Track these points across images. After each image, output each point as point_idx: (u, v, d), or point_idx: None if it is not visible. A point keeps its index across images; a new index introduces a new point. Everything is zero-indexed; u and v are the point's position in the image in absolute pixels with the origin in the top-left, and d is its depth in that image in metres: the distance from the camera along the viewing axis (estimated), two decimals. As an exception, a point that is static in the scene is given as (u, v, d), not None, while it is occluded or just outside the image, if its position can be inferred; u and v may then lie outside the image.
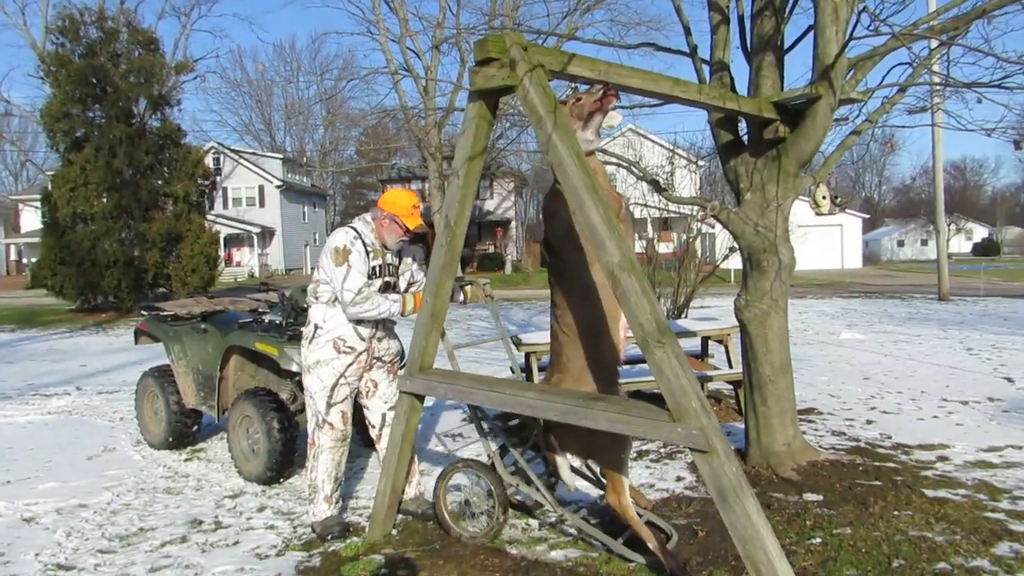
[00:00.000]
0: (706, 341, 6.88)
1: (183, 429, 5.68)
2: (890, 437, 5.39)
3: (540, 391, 3.22)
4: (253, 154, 43.69)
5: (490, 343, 11.82)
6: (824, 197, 4.65)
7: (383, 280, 4.00)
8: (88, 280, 18.24)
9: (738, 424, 5.57)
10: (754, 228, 4.45)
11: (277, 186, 41.25)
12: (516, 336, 6.39)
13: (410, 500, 4.13)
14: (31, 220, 38.25)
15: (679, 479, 4.62)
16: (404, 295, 3.95)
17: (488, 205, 40.46)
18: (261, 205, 41.16)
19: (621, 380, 3.50)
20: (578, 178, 2.81)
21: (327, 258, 3.86)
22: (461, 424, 5.37)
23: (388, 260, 4.05)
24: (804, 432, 5.12)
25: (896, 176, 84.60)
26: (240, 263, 39.69)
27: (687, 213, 10.53)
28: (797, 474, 4.43)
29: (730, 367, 6.26)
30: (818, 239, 33.17)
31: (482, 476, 3.76)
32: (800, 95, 4.03)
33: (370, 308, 3.79)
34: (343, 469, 4.04)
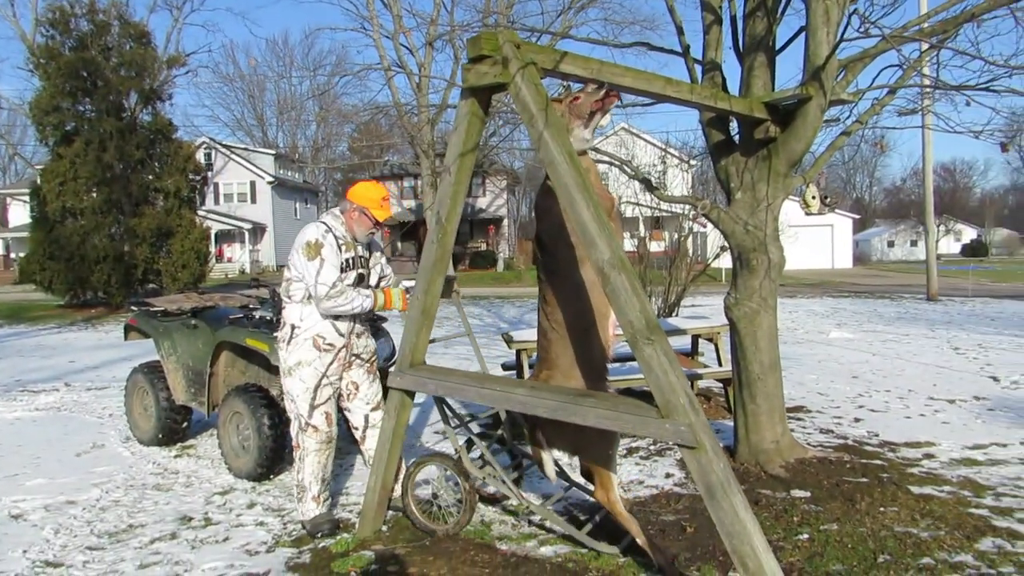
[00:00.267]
0: (696, 339, 6.91)
1: (173, 425, 5.66)
2: (877, 435, 5.44)
3: (530, 387, 3.24)
4: (245, 149, 43.50)
5: (481, 340, 11.84)
6: (814, 197, 4.68)
7: (356, 272, 3.99)
8: (77, 275, 18.14)
9: (727, 421, 5.61)
10: (744, 227, 4.47)
11: (269, 182, 41.10)
12: (507, 333, 6.40)
13: (398, 497, 4.14)
14: (19, 214, 37.99)
15: (668, 476, 4.64)
16: (375, 290, 3.95)
17: (480, 203, 40.44)
18: (253, 201, 41.00)
19: (611, 378, 3.53)
20: (569, 176, 2.83)
21: (298, 254, 3.81)
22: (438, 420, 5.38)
23: (359, 252, 4.04)
24: (793, 430, 5.16)
25: (887, 177, 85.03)
26: (231, 259, 39.55)
27: (679, 212, 10.57)
28: (785, 471, 4.46)
29: (720, 365, 6.29)
30: (809, 239, 33.35)
31: (449, 469, 3.79)
32: (791, 96, 4.06)
33: (344, 303, 3.78)
34: (330, 469, 4.03)
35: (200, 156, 31.52)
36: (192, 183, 20.08)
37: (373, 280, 4.18)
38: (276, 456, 4.74)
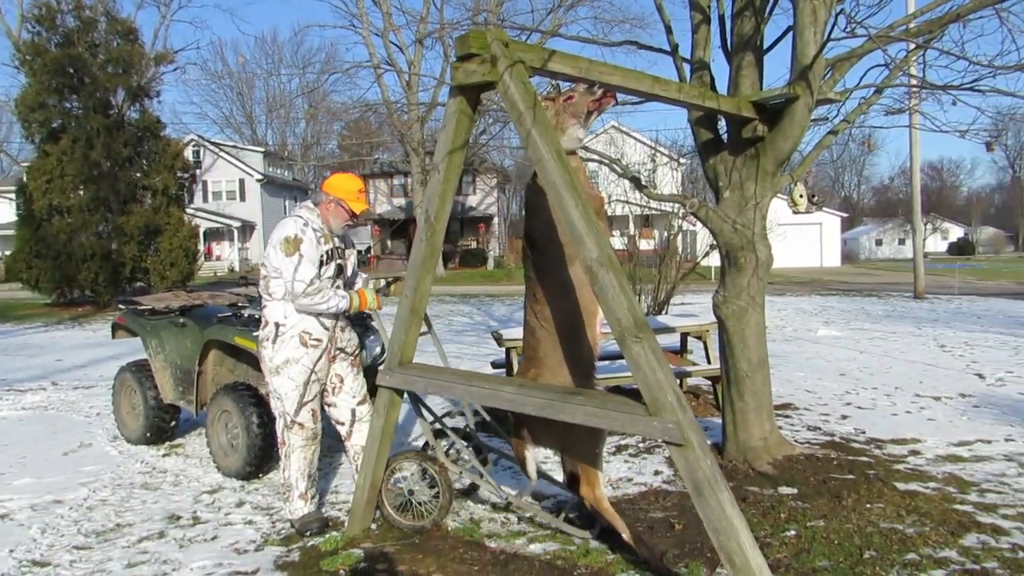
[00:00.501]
0: (685, 337, 6.94)
1: (161, 424, 5.64)
2: (864, 432, 5.48)
3: (519, 385, 3.25)
4: (234, 147, 43.30)
5: (470, 338, 11.84)
6: (801, 196, 4.72)
7: (335, 263, 3.99)
8: (64, 273, 18.01)
9: (716, 419, 5.63)
10: (732, 226, 4.49)
11: (258, 180, 40.94)
12: (497, 332, 6.41)
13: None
14: (5, 212, 37.59)
15: (657, 473, 4.66)
16: (351, 292, 3.94)
17: (471, 201, 40.41)
18: (241, 199, 40.83)
19: (600, 376, 3.55)
20: (557, 174, 2.84)
21: (276, 250, 3.78)
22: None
23: (336, 244, 4.03)
24: (780, 427, 5.19)
25: (875, 176, 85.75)
26: (220, 257, 39.38)
27: (669, 210, 10.60)
28: (773, 468, 4.49)
29: (708, 363, 6.32)
30: (798, 237, 33.51)
31: (424, 465, 3.80)
32: (778, 95, 4.08)
33: (321, 301, 3.76)
34: (315, 465, 4.02)
35: (188, 154, 31.39)
36: (180, 181, 19.99)
37: (349, 271, 4.18)
38: (265, 455, 4.72)
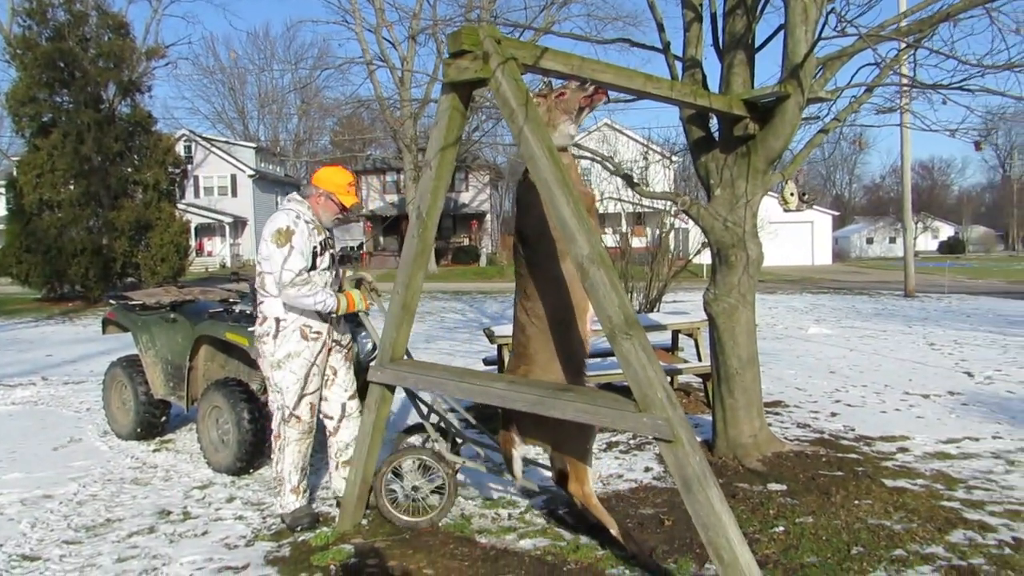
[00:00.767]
0: (676, 334, 6.96)
1: (151, 419, 5.62)
2: (853, 429, 5.52)
3: (509, 381, 3.26)
4: (226, 142, 43.07)
5: (462, 335, 11.83)
6: (792, 194, 4.74)
7: (329, 253, 4.00)
8: (55, 268, 17.91)
9: (707, 416, 5.66)
10: (723, 223, 4.51)
11: (250, 175, 40.75)
12: (489, 329, 6.41)
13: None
14: (-5, 206, 37.34)
15: (647, 470, 4.68)
16: (339, 295, 3.92)
17: (463, 198, 40.37)
18: (233, 194, 40.64)
19: (591, 373, 3.56)
20: (549, 172, 2.84)
21: (267, 242, 3.76)
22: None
23: (328, 235, 4.04)
24: (770, 424, 5.22)
25: (866, 175, 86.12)
26: (212, 253, 39.22)
27: (661, 208, 10.62)
28: (762, 465, 4.52)
29: (700, 360, 6.34)
30: (789, 235, 33.63)
31: (428, 461, 3.83)
32: (770, 93, 4.09)
33: (308, 293, 3.73)
34: (308, 460, 4.03)
35: (180, 149, 31.24)
36: (171, 176, 19.87)
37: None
38: (256, 450, 4.72)
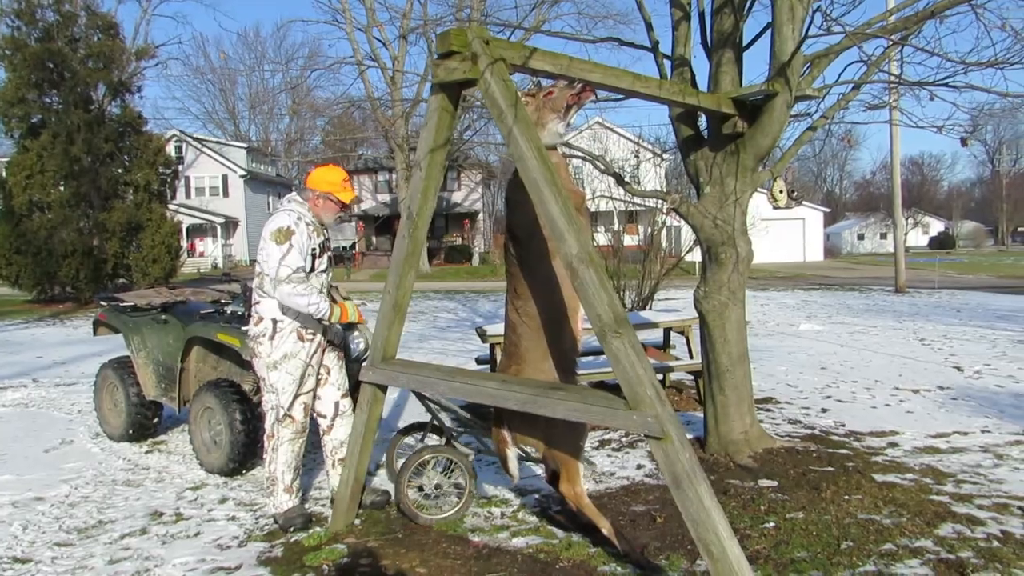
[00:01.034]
0: (668, 332, 6.99)
1: (143, 421, 5.61)
2: (843, 425, 5.56)
3: (501, 380, 3.27)
4: (217, 143, 42.87)
5: (455, 334, 11.85)
6: (781, 191, 4.77)
7: (328, 255, 4.02)
8: (45, 270, 17.82)
9: (698, 413, 5.68)
10: (713, 221, 4.54)
11: (241, 175, 40.59)
12: (481, 328, 6.42)
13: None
14: (-16, 208, 37.09)
15: (639, 467, 4.70)
16: (333, 305, 3.92)
17: (455, 197, 40.35)
18: (225, 195, 40.46)
19: (583, 371, 3.57)
20: (538, 171, 2.85)
21: (266, 241, 3.76)
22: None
23: (327, 236, 4.06)
24: (761, 420, 5.25)
25: (857, 171, 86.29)
26: (203, 254, 39.03)
27: (653, 206, 10.65)
28: (753, 461, 4.55)
29: (691, 358, 6.37)
30: (780, 232, 33.71)
31: (448, 458, 3.86)
32: (758, 91, 4.12)
33: (303, 293, 3.73)
34: (301, 458, 4.04)
35: (171, 149, 31.12)
36: (162, 176, 19.76)
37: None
38: (248, 451, 4.72)
